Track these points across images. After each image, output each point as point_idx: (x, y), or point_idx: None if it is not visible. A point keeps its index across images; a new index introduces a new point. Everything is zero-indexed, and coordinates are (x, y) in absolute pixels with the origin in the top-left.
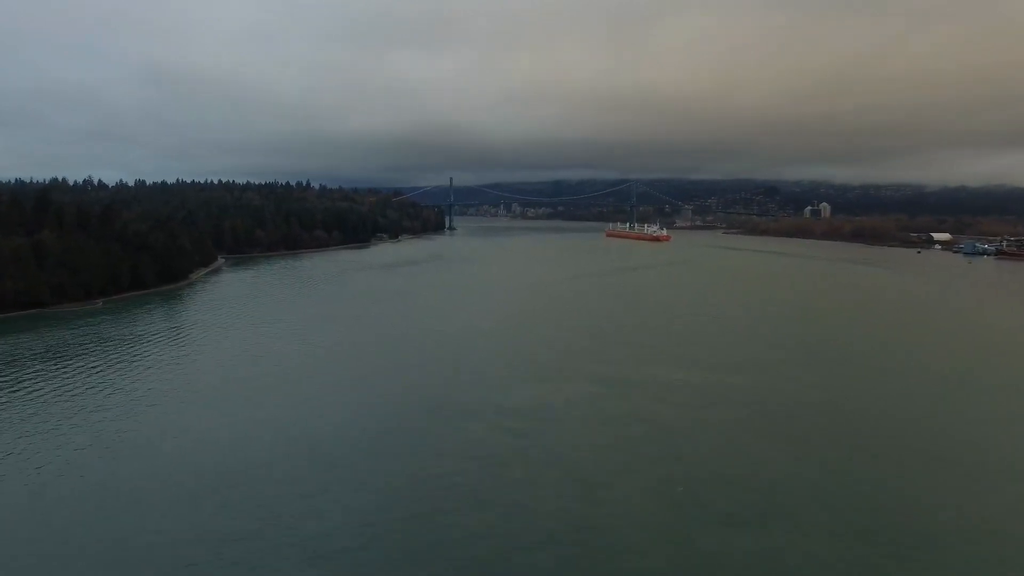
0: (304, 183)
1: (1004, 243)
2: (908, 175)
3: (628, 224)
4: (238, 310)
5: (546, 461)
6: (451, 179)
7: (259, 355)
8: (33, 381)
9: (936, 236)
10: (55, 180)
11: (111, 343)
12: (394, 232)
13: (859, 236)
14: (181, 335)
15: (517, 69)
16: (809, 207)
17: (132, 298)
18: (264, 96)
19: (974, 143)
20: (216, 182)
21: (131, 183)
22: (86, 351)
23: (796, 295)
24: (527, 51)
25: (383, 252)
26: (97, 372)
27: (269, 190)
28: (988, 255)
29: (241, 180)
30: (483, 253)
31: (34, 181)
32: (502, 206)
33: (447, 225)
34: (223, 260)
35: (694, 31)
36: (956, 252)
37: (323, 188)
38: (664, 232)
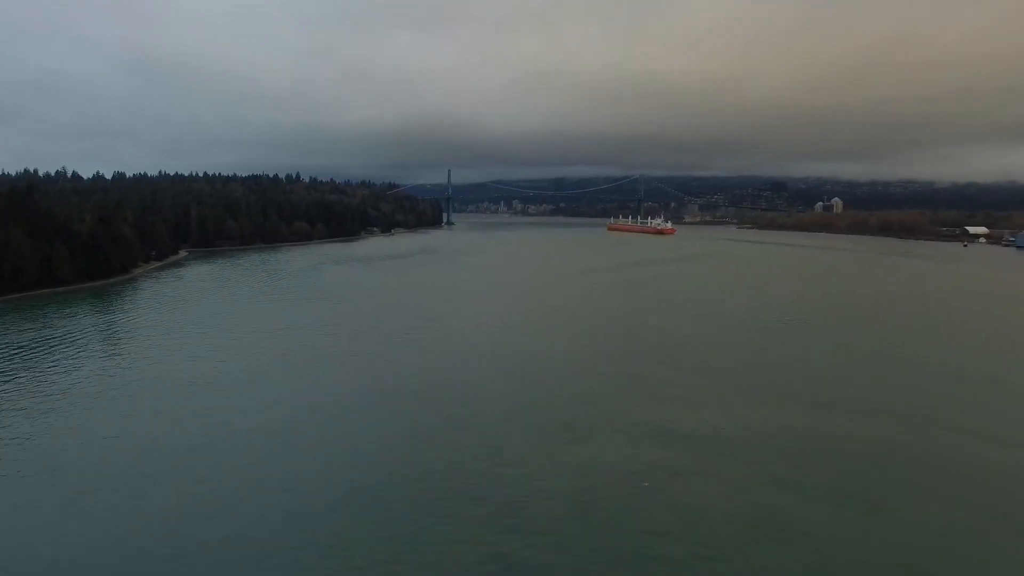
0: (294, 176)
1: None
2: (916, 171)
3: (631, 218)
4: (165, 314)
5: None
6: (449, 171)
7: (151, 392)
8: None
9: (972, 230)
10: (27, 172)
11: None
12: (386, 226)
13: (886, 230)
14: (55, 350)
15: (522, 57)
16: (820, 202)
17: (35, 298)
18: (257, 88)
19: (983, 138)
20: (201, 175)
21: (109, 176)
22: None
23: (874, 295)
24: (534, 36)
25: (371, 245)
26: None
27: (254, 182)
28: None
29: (229, 174)
30: (481, 247)
31: (6, 174)
32: (503, 203)
33: (445, 220)
34: (186, 253)
35: (715, 19)
36: (1006, 246)
37: (313, 180)
38: (668, 225)
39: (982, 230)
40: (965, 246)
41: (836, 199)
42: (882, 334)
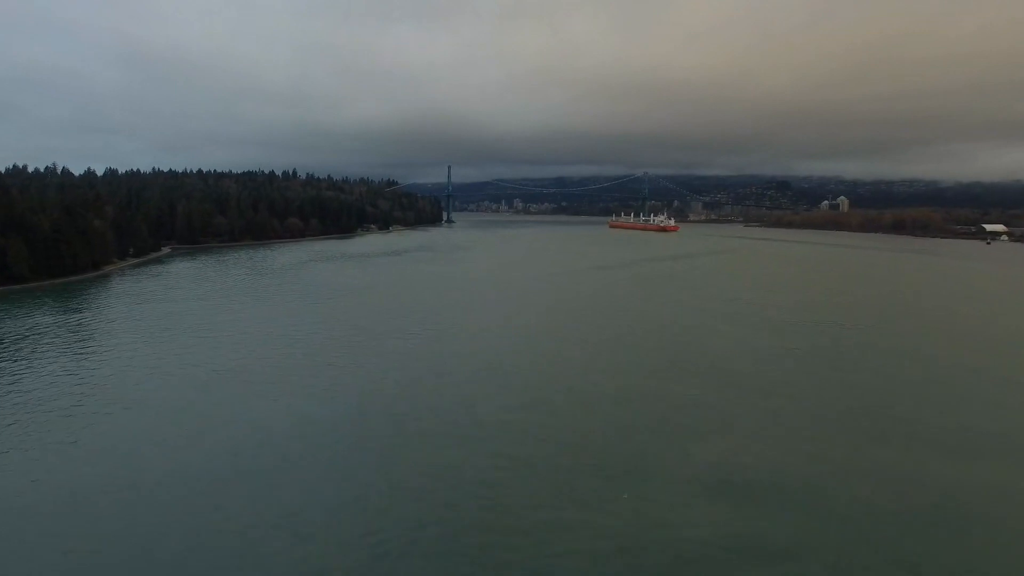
0: (291, 173)
1: None
2: (920, 170)
3: (634, 216)
4: (120, 317)
5: None
6: (449, 168)
7: (61, 412)
8: None
9: (989, 227)
10: (15, 167)
11: None
12: (384, 223)
13: (900, 228)
14: None
15: (523, 53)
16: (826, 201)
17: None
18: (256, 84)
19: (988, 136)
20: (195, 171)
21: (100, 172)
22: None
23: (932, 295)
24: (536, 30)
25: (366, 242)
26: None
27: (248, 178)
28: None
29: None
30: (482, 244)
31: None
32: (503, 201)
33: (445, 218)
34: (169, 250)
35: (719, 15)
36: None
37: (310, 177)
38: (672, 222)
39: (1000, 227)
40: (988, 243)
41: (842, 197)
42: (980, 345)
